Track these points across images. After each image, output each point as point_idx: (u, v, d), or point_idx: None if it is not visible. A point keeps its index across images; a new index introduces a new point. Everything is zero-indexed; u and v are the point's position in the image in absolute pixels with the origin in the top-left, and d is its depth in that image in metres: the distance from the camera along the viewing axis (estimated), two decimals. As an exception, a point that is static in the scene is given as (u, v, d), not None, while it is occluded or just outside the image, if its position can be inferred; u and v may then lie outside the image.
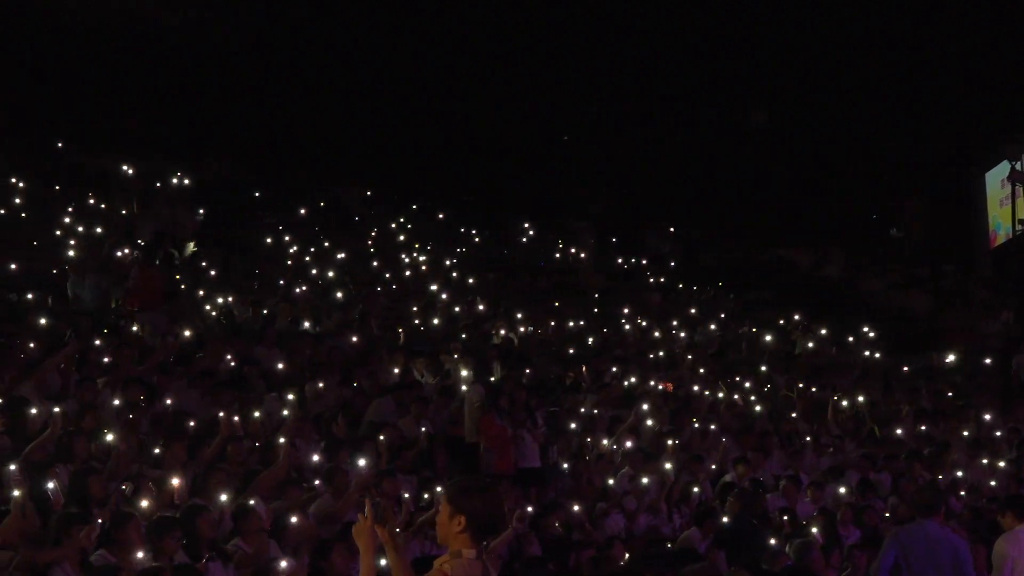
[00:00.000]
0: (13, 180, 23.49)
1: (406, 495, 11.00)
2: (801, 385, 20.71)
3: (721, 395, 19.08)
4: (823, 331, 25.20)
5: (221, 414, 12.10)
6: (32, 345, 13.33)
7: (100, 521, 8.95)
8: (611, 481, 14.18)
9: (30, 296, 16.13)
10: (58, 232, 20.65)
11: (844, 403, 19.72)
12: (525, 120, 35.71)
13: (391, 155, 33.41)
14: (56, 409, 10.79)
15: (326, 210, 29.31)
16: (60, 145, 28.70)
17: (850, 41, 34.36)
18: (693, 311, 26.15)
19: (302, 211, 27.75)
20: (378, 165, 32.81)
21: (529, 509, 10.74)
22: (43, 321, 14.65)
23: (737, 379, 20.59)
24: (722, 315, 26.29)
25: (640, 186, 35.46)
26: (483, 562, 5.37)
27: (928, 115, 33.35)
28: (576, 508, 12.59)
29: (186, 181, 26.46)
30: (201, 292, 19.13)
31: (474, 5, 34.52)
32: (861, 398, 20.12)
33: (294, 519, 10.13)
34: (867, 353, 24.64)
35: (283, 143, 32.04)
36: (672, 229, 34.58)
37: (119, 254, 19.67)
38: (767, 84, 35.41)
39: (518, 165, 34.94)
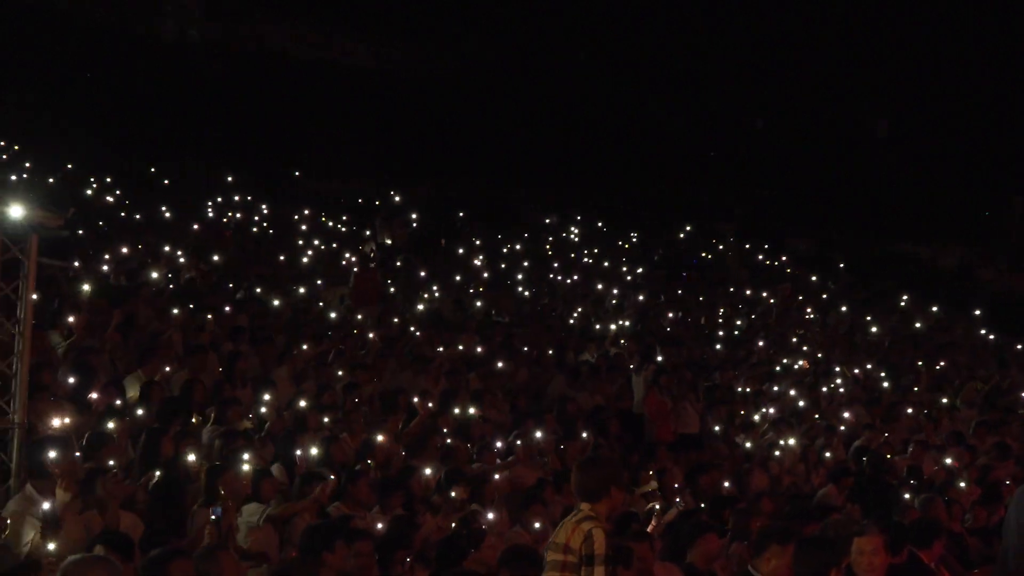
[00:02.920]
0: (264, 206, 24.40)
1: None
2: (922, 362, 20.07)
3: (856, 371, 18.66)
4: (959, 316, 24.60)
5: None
6: (280, 338, 13.79)
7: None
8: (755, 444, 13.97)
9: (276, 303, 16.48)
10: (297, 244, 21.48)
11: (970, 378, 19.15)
12: (680, 139, 35.63)
13: (568, 172, 33.67)
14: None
15: (511, 221, 29.61)
16: (297, 174, 29.71)
17: (960, 64, 33.35)
18: (825, 297, 25.74)
19: (494, 223, 28.18)
20: (556, 181, 33.09)
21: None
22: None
23: (866, 356, 20.11)
24: (852, 302, 25.72)
25: (779, 191, 35.02)
26: None
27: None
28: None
29: (397, 199, 27.15)
30: (411, 291, 19.58)
31: (622, 49, 34.66)
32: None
33: (496, 477, 10.25)
34: (982, 333, 23.82)
35: (475, 166, 32.57)
36: (807, 229, 34.02)
37: (343, 262, 20.34)
38: (888, 100, 34.58)
39: (673, 178, 34.82)
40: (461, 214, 28.70)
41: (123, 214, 21.74)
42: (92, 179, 23.86)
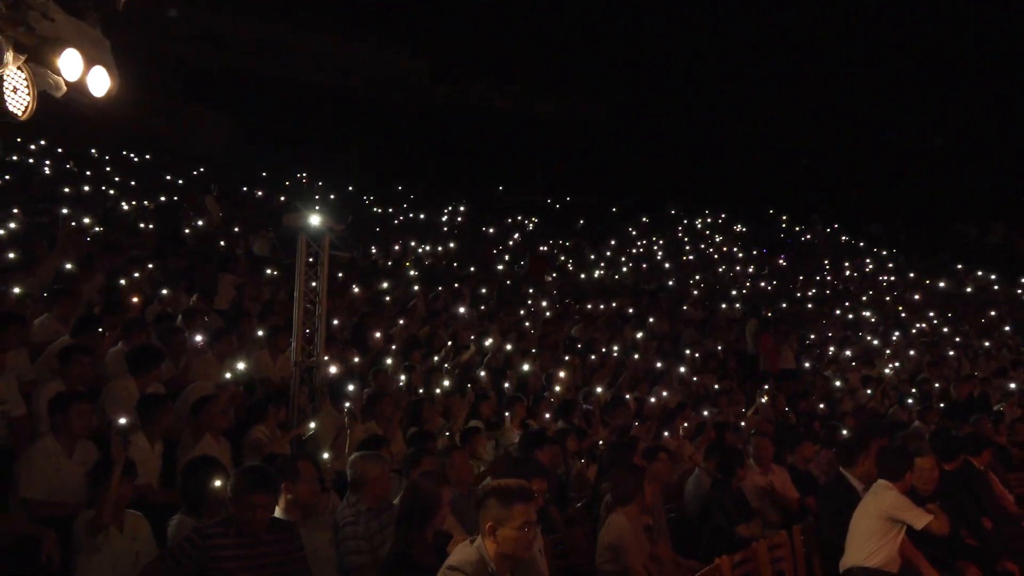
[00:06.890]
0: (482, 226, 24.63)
1: None
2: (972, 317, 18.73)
3: (922, 324, 17.66)
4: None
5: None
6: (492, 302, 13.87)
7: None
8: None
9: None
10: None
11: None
12: (781, 152, 34.47)
13: (698, 179, 33.02)
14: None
15: (656, 214, 29.24)
16: (500, 188, 29.88)
17: (1000, 84, 30.90)
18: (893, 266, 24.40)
19: (644, 219, 27.86)
20: (689, 185, 32.50)
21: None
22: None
23: (926, 312, 18.90)
24: (916, 270, 24.29)
25: (858, 188, 33.43)
26: None
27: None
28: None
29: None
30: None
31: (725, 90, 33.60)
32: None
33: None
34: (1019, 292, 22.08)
35: (629, 175, 32.38)
36: (879, 215, 32.32)
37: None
38: (942, 115, 32.47)
39: (774, 181, 33.65)
40: (616, 210, 28.44)
41: (385, 221, 22.40)
42: (364, 197, 24.74)
